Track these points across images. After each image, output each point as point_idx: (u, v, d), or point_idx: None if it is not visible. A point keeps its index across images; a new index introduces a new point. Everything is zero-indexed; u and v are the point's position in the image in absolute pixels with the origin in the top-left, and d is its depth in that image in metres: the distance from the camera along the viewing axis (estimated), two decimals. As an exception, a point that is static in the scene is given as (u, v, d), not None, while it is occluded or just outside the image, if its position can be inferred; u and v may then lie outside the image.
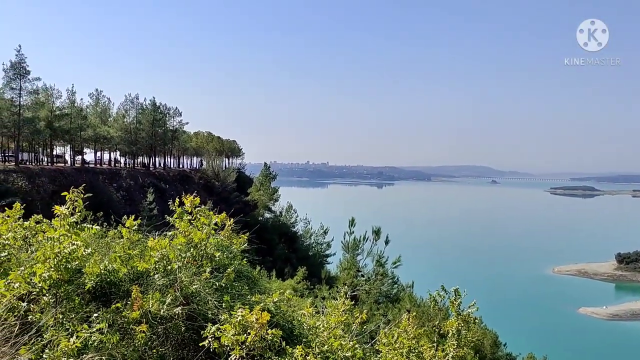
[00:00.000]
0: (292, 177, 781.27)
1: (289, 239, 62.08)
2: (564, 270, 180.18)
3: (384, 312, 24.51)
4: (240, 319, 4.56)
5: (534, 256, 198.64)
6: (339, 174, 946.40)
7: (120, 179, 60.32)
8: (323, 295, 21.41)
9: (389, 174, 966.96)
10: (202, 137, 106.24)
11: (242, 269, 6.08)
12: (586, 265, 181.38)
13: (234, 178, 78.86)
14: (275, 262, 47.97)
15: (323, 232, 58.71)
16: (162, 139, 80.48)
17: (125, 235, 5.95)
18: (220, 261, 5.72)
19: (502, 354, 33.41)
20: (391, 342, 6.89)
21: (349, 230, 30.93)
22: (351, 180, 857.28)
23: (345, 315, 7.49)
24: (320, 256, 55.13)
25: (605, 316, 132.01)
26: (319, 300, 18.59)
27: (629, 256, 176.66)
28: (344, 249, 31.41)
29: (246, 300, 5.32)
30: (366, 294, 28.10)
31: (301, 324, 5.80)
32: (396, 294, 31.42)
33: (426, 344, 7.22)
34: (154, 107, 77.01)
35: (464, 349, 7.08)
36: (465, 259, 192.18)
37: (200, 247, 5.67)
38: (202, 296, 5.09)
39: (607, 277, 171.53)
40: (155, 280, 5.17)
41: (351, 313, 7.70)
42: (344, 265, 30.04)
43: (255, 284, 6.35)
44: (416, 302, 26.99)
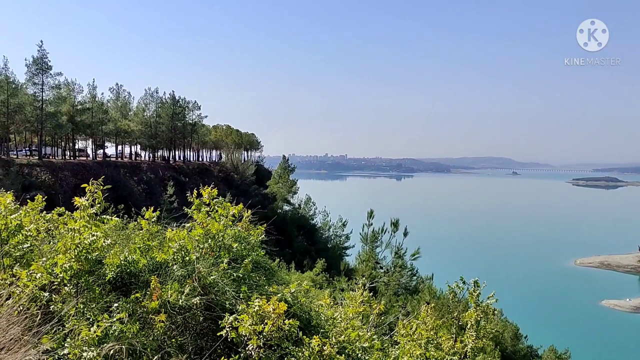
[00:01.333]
0: (310, 169, 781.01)
1: (307, 231, 62.18)
2: (586, 262, 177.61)
3: (402, 304, 24.46)
4: (257, 309, 4.59)
5: (555, 248, 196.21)
6: (357, 166, 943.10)
7: (141, 172, 61.02)
8: (342, 287, 21.44)
9: (408, 166, 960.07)
10: (221, 130, 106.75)
11: (259, 260, 6.11)
12: (609, 257, 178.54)
13: (252, 171, 79.21)
14: (294, 255, 48.16)
15: (342, 224, 58.66)
16: (181, 133, 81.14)
17: (145, 226, 6.02)
18: (238, 252, 5.76)
19: (523, 346, 33.17)
20: (409, 334, 6.87)
21: (368, 223, 30.88)
22: (370, 172, 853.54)
23: (363, 307, 7.50)
24: (339, 248, 55.13)
25: (628, 308, 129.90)
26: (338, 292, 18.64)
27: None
28: (362, 241, 31.38)
29: (263, 291, 5.35)
30: (385, 286, 28.06)
31: (319, 315, 5.82)
32: (415, 285, 31.34)
33: (445, 335, 7.19)
34: (173, 101, 77.64)
35: (483, 340, 7.04)
36: (486, 251, 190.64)
37: (217, 238, 5.71)
38: (219, 286, 5.12)
39: (631, 269, 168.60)
40: (173, 270, 5.23)
41: (369, 304, 7.70)
42: (363, 257, 30.02)
43: (272, 275, 6.37)
44: (435, 294, 26.88)
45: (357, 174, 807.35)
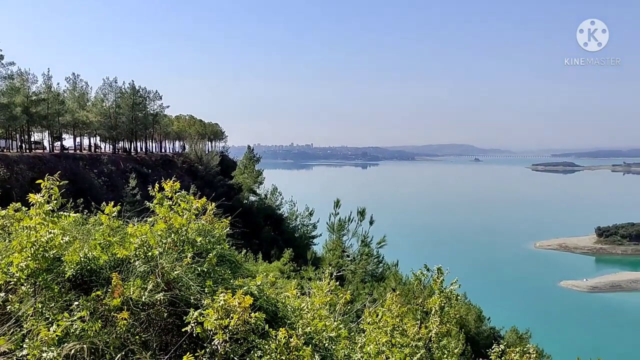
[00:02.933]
0: (276, 159, 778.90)
1: (274, 221, 62.07)
2: (545, 245, 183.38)
3: (369, 291, 24.76)
4: (222, 303, 4.55)
5: (516, 232, 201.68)
6: (323, 155, 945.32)
7: (101, 164, 59.56)
8: (309, 276, 21.52)
9: (373, 154, 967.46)
10: (183, 120, 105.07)
11: (224, 253, 6.05)
12: (567, 240, 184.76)
13: (217, 161, 78.34)
14: (261, 245, 48.00)
15: (309, 213, 58.79)
16: (142, 123, 79.48)
17: (105, 222, 5.88)
18: (202, 246, 5.68)
19: (486, 328, 34.05)
20: (375, 321, 6.95)
21: (334, 212, 31.09)
22: (336, 161, 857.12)
23: (330, 296, 7.53)
24: (306, 238, 55.29)
25: (585, 288, 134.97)
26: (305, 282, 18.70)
27: (608, 229, 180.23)
28: (329, 230, 31.59)
29: (229, 285, 5.31)
30: (352, 274, 28.34)
31: (285, 306, 5.81)
32: (382, 273, 31.72)
33: (410, 321, 7.29)
34: (133, 91, 75.87)
35: (446, 325, 7.18)
36: (450, 236, 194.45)
37: (181, 232, 5.62)
38: (184, 281, 5.06)
39: (587, 251, 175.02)
40: (136, 266, 5.13)
41: (336, 294, 7.75)
42: (330, 246, 30.24)
43: (238, 268, 6.32)
44: (401, 281, 27.29)
45: (323, 163, 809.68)
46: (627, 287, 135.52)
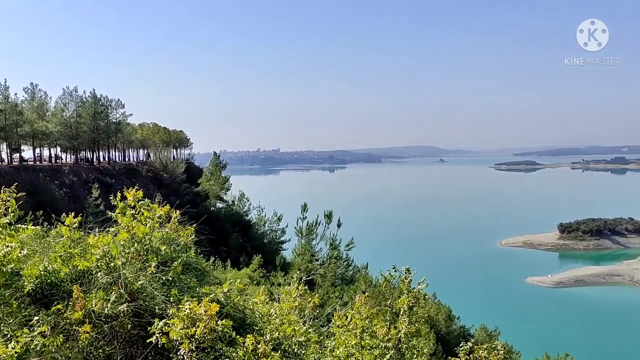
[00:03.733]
0: (243, 165, 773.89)
1: (242, 227, 61.60)
2: (510, 243, 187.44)
3: (339, 295, 24.79)
4: (188, 312, 4.49)
5: (482, 231, 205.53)
6: (290, 160, 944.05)
7: (62, 175, 58.05)
8: (278, 281, 21.42)
9: (340, 158, 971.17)
10: (147, 128, 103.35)
11: (190, 261, 5.96)
12: (531, 237, 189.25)
13: (183, 169, 77.35)
14: (229, 252, 47.58)
15: (277, 219, 58.44)
16: (105, 132, 77.80)
17: (66, 233, 5.72)
18: (167, 254, 5.59)
19: (456, 327, 34.50)
20: (345, 324, 6.96)
21: (302, 216, 31.02)
22: (303, 165, 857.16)
23: (299, 301, 7.51)
24: (275, 243, 54.96)
25: (550, 284, 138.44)
26: (275, 287, 18.60)
27: (570, 226, 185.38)
28: (298, 235, 31.50)
29: (195, 293, 5.23)
30: (322, 278, 28.32)
31: (253, 312, 5.76)
32: (351, 275, 31.82)
33: (379, 323, 7.34)
34: (94, 100, 74.23)
35: (415, 325, 7.25)
36: (418, 237, 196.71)
37: (144, 241, 5.52)
38: (148, 291, 4.96)
39: (551, 247, 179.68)
40: (98, 278, 5.01)
41: (305, 298, 7.73)
42: (299, 251, 30.17)
43: (205, 276, 6.24)
44: (371, 283, 27.43)
45: (291, 168, 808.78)
46: (590, 281, 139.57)
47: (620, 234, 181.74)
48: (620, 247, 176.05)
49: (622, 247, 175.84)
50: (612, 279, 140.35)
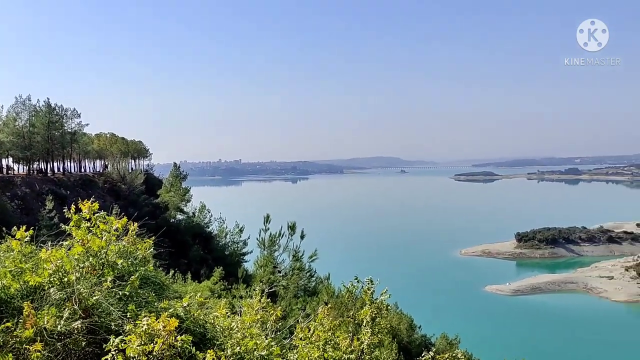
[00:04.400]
0: (204, 176, 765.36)
1: (203, 239, 60.68)
2: (470, 252, 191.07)
3: (302, 306, 24.64)
4: (145, 327, 4.34)
5: (442, 240, 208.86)
6: (252, 170, 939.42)
7: (14, 187, 55.98)
8: (240, 294, 21.15)
9: (303, 169, 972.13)
10: (104, 138, 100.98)
11: (149, 274, 5.80)
12: (490, 246, 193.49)
13: (141, 180, 75.77)
14: (190, 264, 46.76)
15: (239, 230, 57.83)
16: (60, 143, 75.51)
17: (17, 247, 5.49)
18: (124, 268, 5.42)
19: (418, 336, 34.76)
20: (307, 336, 6.90)
21: (265, 227, 30.78)
22: (265, 176, 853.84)
23: (261, 313, 7.41)
24: (237, 255, 54.34)
25: (508, 292, 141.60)
26: (236, 300, 18.36)
27: (526, 235, 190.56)
28: (260, 246, 31.22)
29: (153, 308, 5.08)
30: (284, 290, 28.11)
31: (214, 327, 5.64)
32: (314, 287, 31.70)
33: (342, 334, 7.30)
34: (49, 109, 72.04)
35: (378, 335, 7.24)
36: (380, 247, 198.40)
37: (100, 255, 5.33)
38: (103, 307, 4.79)
39: (509, 256, 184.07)
40: (50, 294, 4.80)
41: (267, 310, 7.63)
42: (261, 263, 29.89)
43: (164, 290, 6.08)
44: (334, 294, 27.40)
45: (253, 179, 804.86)
46: (545, 288, 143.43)
47: (574, 243, 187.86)
48: (574, 255, 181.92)
49: (576, 255, 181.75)
50: (567, 287, 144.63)
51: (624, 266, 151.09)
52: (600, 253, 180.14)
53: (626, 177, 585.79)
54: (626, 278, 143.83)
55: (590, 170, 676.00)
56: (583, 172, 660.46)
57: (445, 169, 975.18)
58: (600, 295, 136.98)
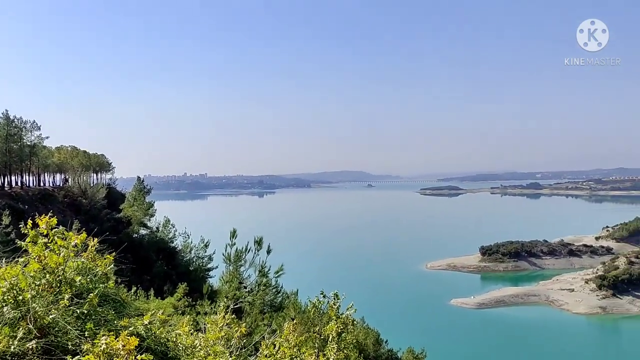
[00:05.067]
0: (169, 190, 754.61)
1: (167, 255, 59.50)
2: (435, 266, 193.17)
3: (268, 322, 24.39)
4: (104, 347, 4.20)
5: (409, 254, 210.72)
6: (218, 184, 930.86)
7: (-31, 201, 54.02)
8: (205, 310, 20.79)
9: (270, 183, 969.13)
10: (65, 152, 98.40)
11: (108, 292, 5.63)
12: (455, 259, 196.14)
13: (103, 194, 74.01)
14: (153, 280, 45.71)
15: (204, 245, 57.00)
16: (18, 156, 73.29)
17: (-32, 265, 5.26)
18: (83, 286, 5.24)
19: (384, 350, 34.78)
20: (272, 353, 6.81)
21: (231, 242, 30.45)
22: (232, 190, 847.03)
23: (226, 330, 7.28)
24: (201, 270, 53.47)
25: (473, 305, 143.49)
26: (201, 317, 18.02)
27: (490, 248, 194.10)
28: (225, 262, 30.84)
29: (113, 326, 4.92)
30: (250, 306, 27.79)
31: (177, 345, 5.51)
32: (281, 302, 31.42)
33: (308, 350, 7.23)
34: (7, 121, 69.95)
35: (344, 351, 7.20)
36: (346, 261, 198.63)
37: (57, 272, 5.15)
38: (60, 326, 4.62)
39: (474, 269, 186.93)
40: (4, 313, 4.60)
41: (231, 327, 7.50)
42: (226, 278, 29.52)
43: (124, 307, 5.91)
44: (300, 309, 27.21)
45: (219, 193, 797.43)
46: (509, 301, 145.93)
47: (536, 256, 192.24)
48: (537, 268, 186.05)
49: (538, 268, 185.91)
50: (530, 299, 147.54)
51: (583, 279, 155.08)
52: (561, 266, 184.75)
53: (585, 191, 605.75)
54: (586, 290, 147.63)
55: (550, 185, 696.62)
56: (544, 187, 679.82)
57: (411, 183, 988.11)
58: (561, 308, 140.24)
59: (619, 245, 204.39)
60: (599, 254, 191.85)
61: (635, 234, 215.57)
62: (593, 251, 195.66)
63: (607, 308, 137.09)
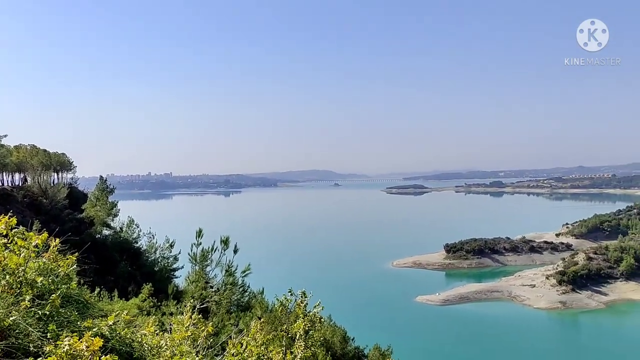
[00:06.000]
0: (133, 189, 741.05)
1: (132, 255, 58.35)
2: (401, 264, 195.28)
3: (235, 322, 24.25)
4: (67, 348, 4.13)
5: (375, 252, 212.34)
6: (183, 184, 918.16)
7: None
8: (170, 311, 20.54)
9: (236, 182, 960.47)
10: (24, 150, 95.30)
11: (71, 292, 5.53)
12: (420, 257, 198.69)
13: (65, 194, 72.01)
14: (117, 281, 44.78)
15: (169, 245, 56.14)
16: (-25, 155, 70.91)
17: None
18: (44, 287, 5.14)
19: (351, 348, 34.99)
20: (240, 352, 6.80)
21: (197, 242, 30.12)
22: (197, 190, 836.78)
23: (192, 330, 7.23)
24: (167, 271, 52.63)
25: (438, 302, 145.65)
26: (166, 317, 17.80)
27: (454, 246, 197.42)
28: (191, 262, 30.50)
29: (76, 327, 4.84)
30: (217, 305, 27.57)
31: (142, 345, 5.45)
32: (247, 302, 31.26)
33: (275, 348, 7.24)
34: (-37, 119, 67.72)
35: (311, 348, 7.24)
36: (313, 260, 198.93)
37: (18, 273, 5.03)
38: (21, 328, 4.52)
39: (439, 266, 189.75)
40: (-40, 316, 4.48)
41: (198, 327, 7.46)
42: (192, 278, 29.21)
43: (88, 308, 5.81)
44: (267, 308, 27.16)
45: (184, 192, 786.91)
46: (473, 298, 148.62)
47: (499, 253, 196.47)
48: (499, 264, 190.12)
49: (501, 264, 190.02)
50: (493, 295, 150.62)
51: (544, 274, 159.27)
52: (523, 262, 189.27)
53: (546, 189, 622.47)
54: (547, 286, 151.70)
55: (513, 183, 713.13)
56: (506, 185, 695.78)
57: (377, 182, 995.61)
58: (523, 303, 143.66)
59: (578, 241, 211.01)
60: (559, 251, 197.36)
61: (594, 230, 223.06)
62: (553, 248, 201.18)
63: (567, 303, 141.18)
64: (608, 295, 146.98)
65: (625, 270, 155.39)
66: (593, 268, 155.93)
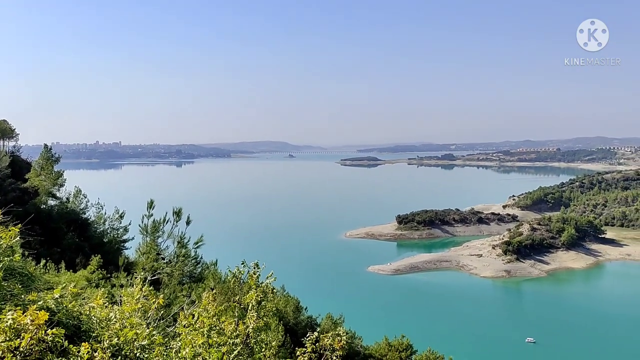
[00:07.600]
0: (80, 159, 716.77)
1: (79, 226, 56.69)
2: (354, 234, 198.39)
3: (187, 293, 24.12)
4: (10, 322, 4.01)
5: (328, 223, 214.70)
6: (133, 154, 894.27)
7: None
8: (121, 283, 20.19)
9: (189, 152, 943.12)
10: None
11: (14, 265, 5.34)
12: (373, 228, 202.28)
13: (7, 163, 68.73)
14: (64, 253, 43.55)
15: (119, 216, 54.81)
16: None
17: None
18: (-15, 259, 4.94)
19: (304, 317, 35.49)
20: (191, 323, 6.77)
21: (148, 213, 29.55)
22: (148, 159, 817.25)
23: (142, 302, 7.14)
24: (116, 242, 51.45)
25: (389, 272, 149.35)
26: (117, 289, 17.51)
27: (406, 217, 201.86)
28: (142, 233, 29.95)
29: (20, 301, 4.70)
30: (168, 277, 27.31)
31: (90, 318, 5.35)
32: (200, 273, 31.07)
33: (228, 319, 7.25)
34: None
35: (264, 319, 7.30)
36: (267, 231, 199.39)
37: (-45, 245, 4.82)
38: (-40, 303, 4.34)
39: (390, 237, 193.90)
40: None
41: (149, 299, 7.38)
42: (143, 250, 28.73)
43: (32, 281, 5.64)
44: (220, 279, 27.10)
45: (134, 162, 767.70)
46: (422, 267, 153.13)
47: (448, 224, 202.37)
48: (449, 235, 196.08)
49: (450, 235, 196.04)
50: (442, 265, 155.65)
51: (491, 245, 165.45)
52: (471, 233, 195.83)
53: (494, 162, 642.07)
54: (493, 255, 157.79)
55: (463, 156, 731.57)
56: (457, 158, 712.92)
57: (332, 154, 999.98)
58: (470, 272, 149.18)
59: (523, 213, 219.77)
60: (505, 222, 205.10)
61: (538, 202, 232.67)
62: (500, 219, 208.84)
63: (511, 271, 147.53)
64: (550, 264, 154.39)
65: (566, 240, 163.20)
66: (536, 238, 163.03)
